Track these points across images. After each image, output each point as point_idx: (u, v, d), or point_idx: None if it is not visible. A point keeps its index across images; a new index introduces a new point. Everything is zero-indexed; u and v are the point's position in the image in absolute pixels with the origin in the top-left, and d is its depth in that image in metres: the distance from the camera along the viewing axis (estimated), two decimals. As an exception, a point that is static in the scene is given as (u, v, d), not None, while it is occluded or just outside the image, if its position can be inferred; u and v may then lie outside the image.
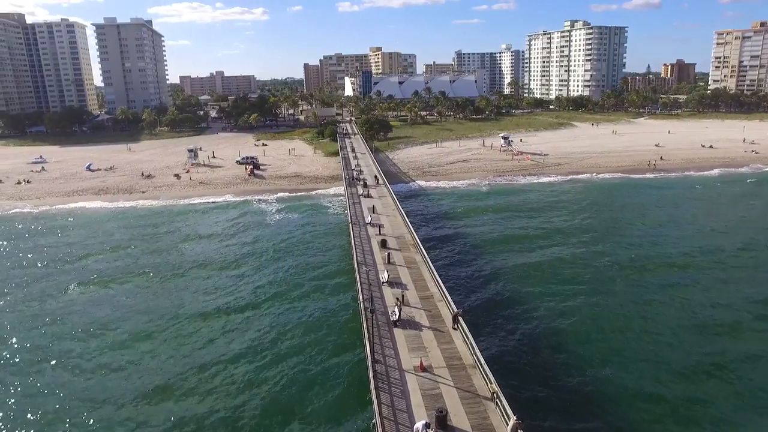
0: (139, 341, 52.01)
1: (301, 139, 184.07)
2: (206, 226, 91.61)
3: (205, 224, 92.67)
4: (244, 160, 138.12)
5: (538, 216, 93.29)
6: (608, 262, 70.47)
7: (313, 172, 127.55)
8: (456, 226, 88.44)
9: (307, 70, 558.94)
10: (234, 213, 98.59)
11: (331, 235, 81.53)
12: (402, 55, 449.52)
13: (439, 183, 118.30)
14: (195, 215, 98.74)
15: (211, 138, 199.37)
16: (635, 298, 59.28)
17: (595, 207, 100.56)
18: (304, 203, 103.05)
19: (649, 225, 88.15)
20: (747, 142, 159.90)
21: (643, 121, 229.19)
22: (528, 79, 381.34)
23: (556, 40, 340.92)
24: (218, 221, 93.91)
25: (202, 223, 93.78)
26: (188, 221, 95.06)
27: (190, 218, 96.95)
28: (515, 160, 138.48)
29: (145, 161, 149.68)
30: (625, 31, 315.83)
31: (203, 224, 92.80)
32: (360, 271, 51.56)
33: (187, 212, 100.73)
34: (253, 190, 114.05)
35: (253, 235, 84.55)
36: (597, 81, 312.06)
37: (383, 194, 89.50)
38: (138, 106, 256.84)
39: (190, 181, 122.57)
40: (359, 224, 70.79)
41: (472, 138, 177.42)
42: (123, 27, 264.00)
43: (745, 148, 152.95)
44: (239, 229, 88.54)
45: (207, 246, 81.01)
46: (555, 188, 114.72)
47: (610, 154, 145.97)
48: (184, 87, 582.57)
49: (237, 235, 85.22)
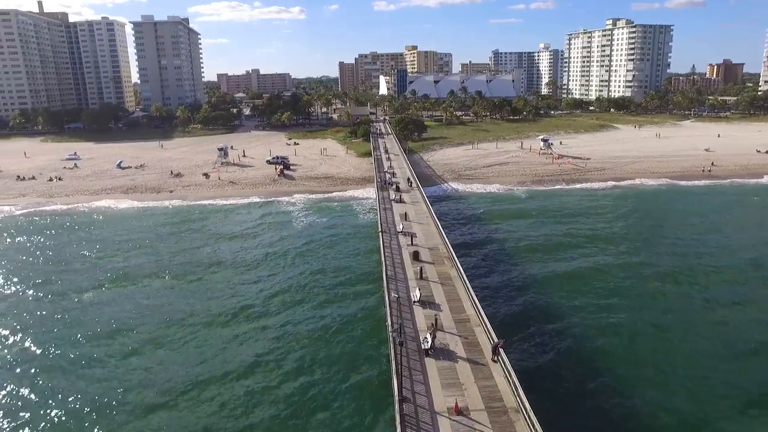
0: (154, 346, 50.83)
1: (334, 138, 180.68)
2: (229, 228, 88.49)
3: (229, 227, 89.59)
4: (274, 159, 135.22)
5: (579, 224, 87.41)
6: (652, 274, 65.75)
7: (344, 174, 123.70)
8: (491, 232, 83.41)
9: (342, 69, 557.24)
10: (259, 215, 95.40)
11: (359, 243, 77.32)
12: (438, 54, 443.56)
13: (475, 187, 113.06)
14: (219, 217, 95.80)
15: (243, 136, 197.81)
16: (682, 317, 54.56)
17: (641, 216, 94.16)
18: (334, 206, 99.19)
19: (698, 236, 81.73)
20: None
21: (690, 124, 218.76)
22: (567, 79, 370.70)
23: (597, 39, 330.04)
24: (242, 223, 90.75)
25: (226, 225, 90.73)
26: (212, 223, 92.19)
27: (214, 220, 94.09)
28: (555, 163, 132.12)
29: (175, 159, 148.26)
30: (671, 29, 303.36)
31: (226, 226, 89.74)
32: (389, 290, 47.09)
33: (212, 213, 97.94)
34: (281, 191, 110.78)
35: (276, 240, 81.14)
36: (639, 81, 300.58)
37: (416, 199, 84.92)
38: (173, 103, 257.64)
39: (219, 180, 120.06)
40: (390, 233, 66.40)
41: (510, 140, 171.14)
42: (160, 25, 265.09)
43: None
44: (263, 232, 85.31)
45: (227, 249, 78.18)
46: (597, 195, 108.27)
47: (656, 158, 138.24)
48: (221, 85, 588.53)
49: (260, 239, 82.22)
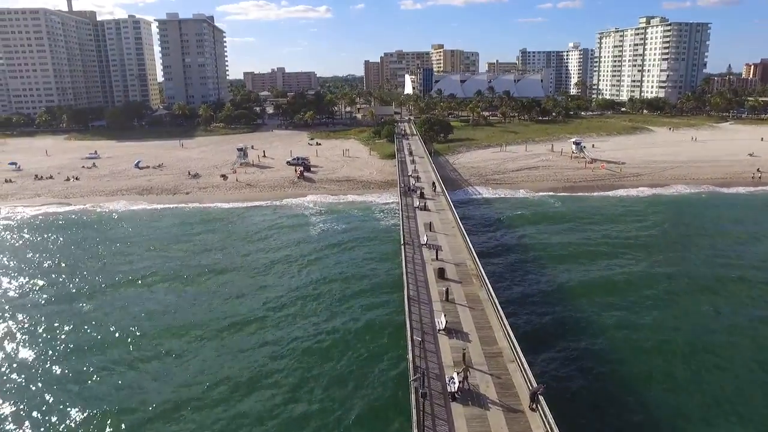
0: (156, 355, 49.26)
1: (357, 138, 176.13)
2: (243, 233, 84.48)
3: (242, 231, 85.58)
4: (294, 161, 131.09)
5: (614, 233, 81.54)
6: (692, 289, 61.80)
7: (367, 177, 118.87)
8: (519, 240, 78.37)
9: (368, 68, 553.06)
10: (275, 219, 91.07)
11: (378, 254, 72.29)
12: (464, 53, 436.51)
13: (503, 192, 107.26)
14: (234, 221, 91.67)
15: (265, 135, 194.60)
16: (726, 337, 50.41)
17: (680, 226, 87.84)
18: (354, 213, 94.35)
19: (741, 247, 75.61)
20: None
21: (728, 127, 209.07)
22: (597, 79, 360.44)
23: (629, 37, 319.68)
24: (257, 228, 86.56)
25: (240, 229, 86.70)
26: (226, 227, 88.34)
27: (228, 224, 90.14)
28: (588, 168, 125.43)
29: (194, 159, 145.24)
30: (708, 27, 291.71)
31: (240, 231, 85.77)
32: (411, 321, 41.96)
33: (227, 217, 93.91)
34: (300, 194, 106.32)
35: (290, 247, 76.89)
36: (674, 82, 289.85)
37: (441, 206, 79.63)
38: (197, 101, 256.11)
39: (237, 182, 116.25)
40: (413, 245, 61.35)
41: (540, 142, 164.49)
42: (184, 23, 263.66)
43: None
44: (277, 238, 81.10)
45: (238, 254, 74.97)
46: (634, 202, 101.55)
47: (695, 163, 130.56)
48: (246, 83, 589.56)
49: (273, 245, 78.35)
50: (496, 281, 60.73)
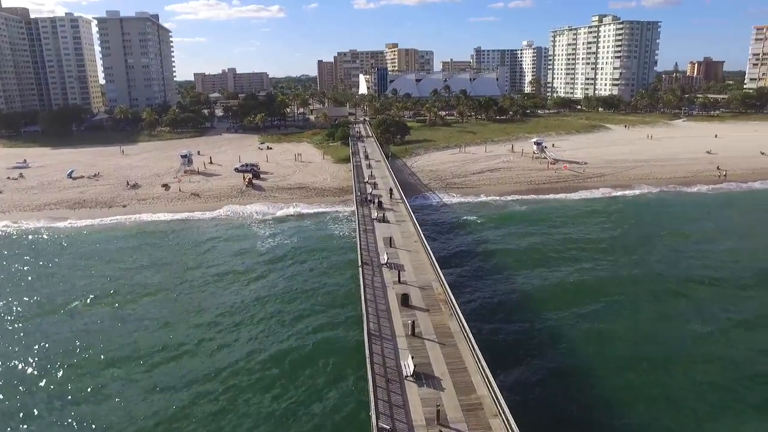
0: (67, 394, 41.10)
1: (310, 142, 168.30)
2: (182, 250, 76.27)
3: (180, 248, 77.45)
4: (243, 167, 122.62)
5: (584, 240, 77.58)
6: (661, 292, 59.16)
7: (320, 183, 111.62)
8: (484, 250, 73.10)
9: (321, 67, 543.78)
10: (220, 234, 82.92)
11: (332, 271, 65.59)
12: (419, 51, 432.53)
13: (466, 198, 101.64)
14: (173, 236, 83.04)
15: (213, 139, 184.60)
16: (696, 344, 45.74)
17: (650, 228, 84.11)
18: (306, 224, 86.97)
19: (709, 248, 72.90)
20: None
21: (682, 124, 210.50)
22: (551, 77, 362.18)
23: (582, 36, 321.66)
24: (197, 245, 78.39)
25: (178, 246, 78.38)
26: (163, 243, 79.82)
27: (165, 239, 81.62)
28: (551, 169, 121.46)
29: (135, 167, 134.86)
30: (658, 26, 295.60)
31: (179, 248, 77.57)
32: (373, 360, 35.41)
33: (165, 232, 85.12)
34: (248, 204, 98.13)
35: (234, 266, 69.17)
36: (627, 79, 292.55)
37: (402, 217, 73.25)
38: (141, 104, 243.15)
39: (180, 192, 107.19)
40: (372, 265, 54.72)
41: (499, 142, 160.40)
42: (126, 21, 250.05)
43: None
44: (220, 257, 73.24)
45: (173, 276, 66.96)
46: (601, 205, 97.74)
47: (657, 162, 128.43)
48: (196, 84, 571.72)
49: (214, 265, 70.37)
50: (460, 290, 56.75)
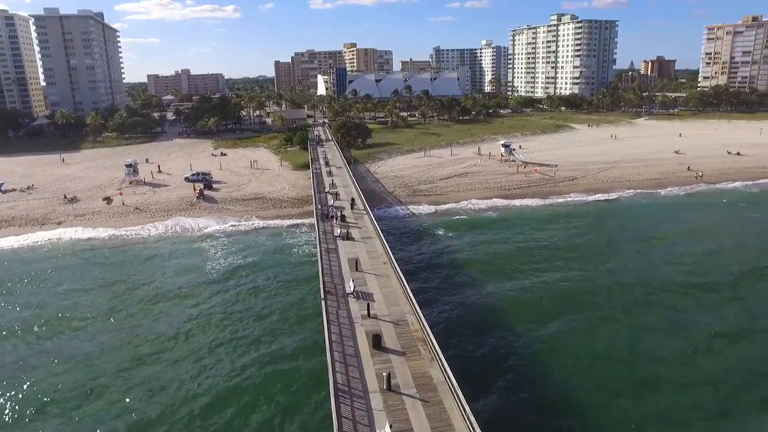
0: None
1: (267, 146, 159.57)
2: (117, 273, 67.30)
3: (116, 271, 68.29)
4: (194, 176, 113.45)
5: (559, 249, 73.24)
6: (653, 305, 54.60)
7: (278, 193, 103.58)
8: (458, 268, 66.81)
9: (278, 68, 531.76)
10: (163, 253, 74.33)
11: (291, 301, 57.98)
12: (378, 51, 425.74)
13: (434, 206, 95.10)
14: (109, 257, 73.70)
15: (164, 145, 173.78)
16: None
17: (627, 234, 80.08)
18: (262, 240, 78.92)
19: (706, 263, 67.18)
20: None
21: (644, 123, 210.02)
22: (511, 76, 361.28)
23: (542, 35, 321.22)
24: (136, 267, 69.57)
25: (113, 269, 69.23)
26: (97, 265, 70.63)
27: (100, 261, 72.27)
28: (521, 173, 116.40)
29: (76, 177, 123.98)
30: (616, 25, 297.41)
31: (113, 271, 68.48)
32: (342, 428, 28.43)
33: (101, 252, 75.62)
34: (198, 219, 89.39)
35: (176, 293, 60.94)
36: (587, 78, 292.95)
37: (367, 232, 66.14)
38: (87, 108, 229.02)
39: (123, 206, 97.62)
40: (337, 295, 47.57)
41: (464, 144, 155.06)
42: (66, 19, 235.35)
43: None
44: (161, 278, 65.16)
45: (105, 304, 58.45)
46: (578, 210, 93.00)
47: (627, 164, 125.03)
48: (149, 86, 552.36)
49: (153, 287, 62.25)
50: (428, 307, 51.80)
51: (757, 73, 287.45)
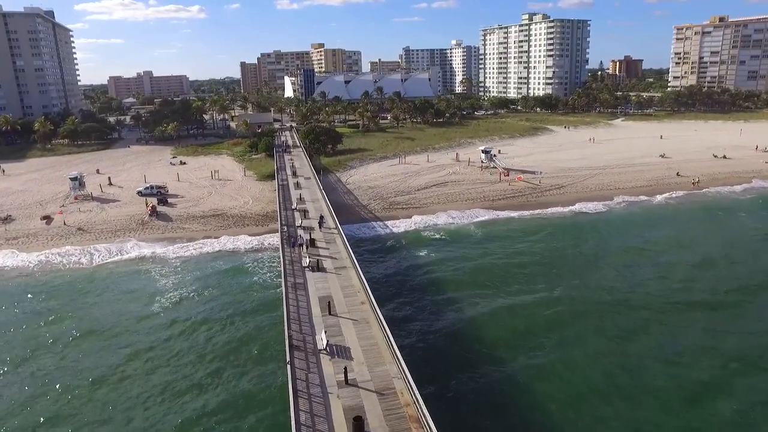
0: None
1: (230, 154, 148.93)
2: (41, 313, 56.52)
3: (40, 309, 57.52)
4: (147, 190, 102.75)
5: (560, 273, 64.63)
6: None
7: (240, 208, 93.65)
8: (444, 295, 58.40)
9: (244, 70, 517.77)
10: (101, 286, 63.77)
11: (247, 353, 48.53)
12: (346, 51, 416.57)
13: (412, 220, 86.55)
14: (30, 292, 62.73)
15: (119, 153, 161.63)
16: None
17: (634, 252, 72.01)
18: (219, 267, 68.92)
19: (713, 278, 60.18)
20: (761, 150, 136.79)
21: (622, 124, 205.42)
22: (483, 76, 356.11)
23: (513, 34, 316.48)
24: (65, 304, 58.84)
25: (38, 306, 58.42)
26: (19, 301, 59.85)
27: (23, 296, 61.38)
28: (504, 181, 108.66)
29: (15, 192, 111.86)
30: (588, 25, 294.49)
31: (38, 309, 57.63)
32: None
33: (23, 285, 64.66)
34: (148, 242, 79.00)
35: (110, 339, 50.94)
36: (560, 78, 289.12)
37: (341, 261, 56.92)
38: (36, 113, 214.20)
39: (64, 226, 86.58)
40: (306, 351, 38.55)
41: (441, 149, 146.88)
42: (11, 17, 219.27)
43: (762, 157, 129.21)
44: (92, 320, 54.81)
45: (17, 350, 47.79)
46: (568, 223, 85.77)
47: (614, 169, 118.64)
48: (109, 89, 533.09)
49: (81, 332, 51.91)
50: (408, 335, 47.72)
51: (726, 72, 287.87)
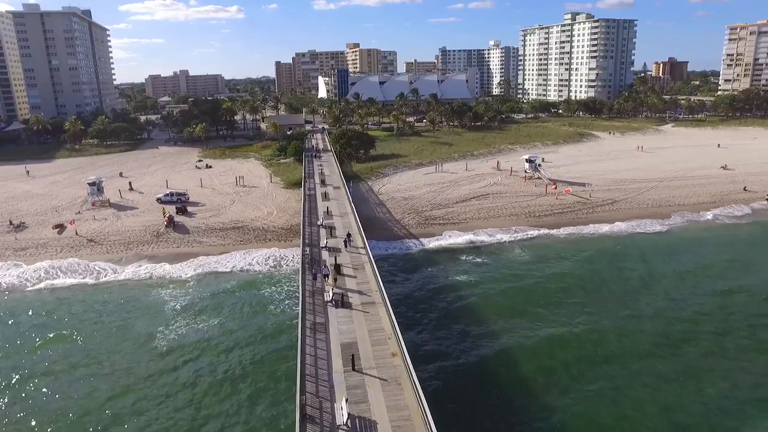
0: None
1: (259, 157, 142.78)
2: (29, 343, 50.39)
3: (30, 338, 51.32)
4: (167, 197, 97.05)
5: (616, 309, 55.35)
6: None
7: (263, 220, 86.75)
8: (476, 335, 49.98)
9: (279, 69, 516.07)
10: (100, 311, 57.32)
11: (256, 410, 41.43)
12: (381, 52, 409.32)
13: (450, 238, 78.27)
14: (19, 316, 56.78)
15: (146, 155, 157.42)
16: None
17: (708, 288, 62.13)
18: (232, 290, 61.57)
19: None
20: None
21: (672, 130, 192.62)
22: (522, 78, 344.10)
23: (555, 35, 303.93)
24: (48, 335, 52.26)
25: (28, 333, 52.21)
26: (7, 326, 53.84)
27: (11, 320, 55.39)
28: (551, 194, 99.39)
29: (35, 195, 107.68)
30: (634, 24, 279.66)
31: (28, 337, 51.40)
32: None
33: (18, 305, 58.80)
34: (160, 257, 72.71)
35: (104, 377, 44.07)
36: (603, 81, 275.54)
37: (370, 295, 48.74)
38: (70, 112, 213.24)
39: (76, 237, 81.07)
40: (321, 425, 30.90)
41: (480, 156, 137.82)
42: (48, 16, 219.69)
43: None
44: (88, 354, 48.22)
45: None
46: (627, 245, 76.02)
47: (671, 182, 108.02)
48: (147, 88, 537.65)
49: (76, 369, 44.66)
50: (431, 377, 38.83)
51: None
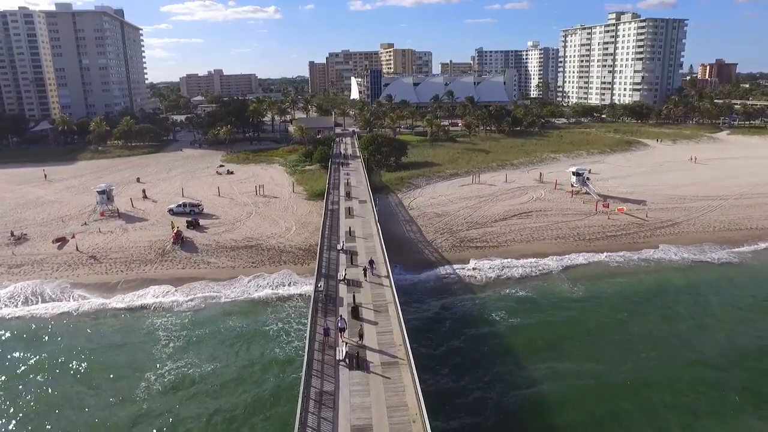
0: None
1: (283, 163, 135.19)
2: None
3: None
4: (180, 208, 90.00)
5: (675, 354, 45.68)
6: None
7: (279, 237, 78.58)
8: (513, 384, 40.30)
9: (312, 69, 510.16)
10: (86, 347, 49.92)
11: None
12: (416, 52, 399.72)
13: (487, 264, 68.76)
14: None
15: (168, 158, 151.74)
16: None
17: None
18: (235, 327, 53.45)
19: None
20: None
21: (727, 137, 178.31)
22: (562, 80, 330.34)
23: (598, 35, 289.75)
24: (21, 373, 45.24)
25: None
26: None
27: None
28: (603, 212, 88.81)
29: (46, 202, 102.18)
30: (685, 24, 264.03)
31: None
32: None
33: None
34: (161, 280, 65.16)
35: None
36: (649, 84, 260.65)
37: (392, 350, 39.98)
38: (99, 111, 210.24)
39: (76, 252, 74.32)
40: None
41: (520, 166, 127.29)
42: (79, 16, 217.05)
43: None
44: (63, 404, 40.41)
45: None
46: (688, 277, 65.52)
47: (737, 200, 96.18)
48: (181, 87, 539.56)
49: None
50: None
51: None
